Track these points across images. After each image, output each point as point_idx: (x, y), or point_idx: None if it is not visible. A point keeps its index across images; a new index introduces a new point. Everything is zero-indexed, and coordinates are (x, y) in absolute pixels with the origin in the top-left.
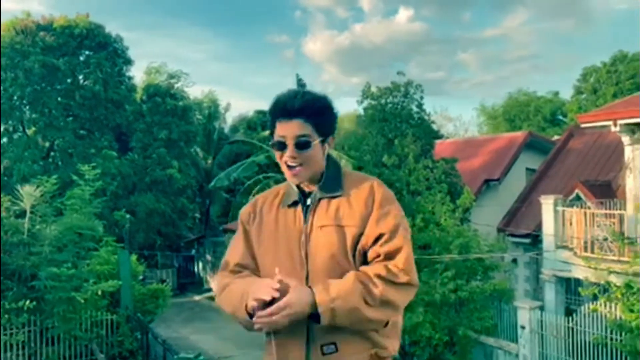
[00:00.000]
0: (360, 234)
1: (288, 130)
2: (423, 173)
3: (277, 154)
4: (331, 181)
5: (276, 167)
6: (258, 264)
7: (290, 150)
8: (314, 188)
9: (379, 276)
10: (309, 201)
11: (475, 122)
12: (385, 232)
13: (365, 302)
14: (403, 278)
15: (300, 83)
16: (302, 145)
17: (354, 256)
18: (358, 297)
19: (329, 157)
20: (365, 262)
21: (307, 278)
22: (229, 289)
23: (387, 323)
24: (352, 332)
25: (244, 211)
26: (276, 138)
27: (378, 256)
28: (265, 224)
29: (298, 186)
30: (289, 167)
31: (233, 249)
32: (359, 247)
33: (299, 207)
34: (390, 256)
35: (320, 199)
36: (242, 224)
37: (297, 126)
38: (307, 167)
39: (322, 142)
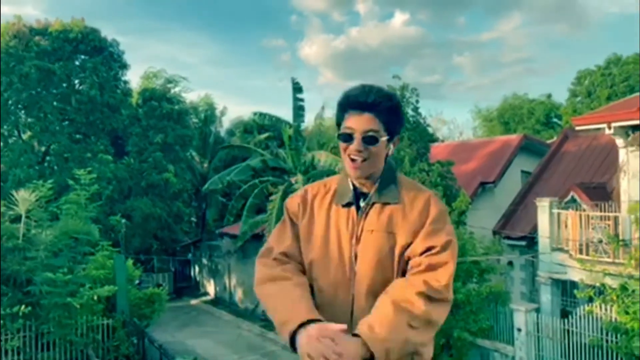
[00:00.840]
0: (409, 244)
1: (358, 123)
2: (419, 176)
3: (341, 146)
4: (387, 186)
5: (271, 171)
6: (303, 258)
7: (356, 144)
8: (369, 188)
9: (418, 294)
10: (362, 202)
11: (470, 125)
12: (436, 246)
13: (411, 327)
14: (444, 294)
15: (296, 87)
16: (369, 140)
17: (399, 263)
18: (405, 328)
19: (386, 160)
20: (405, 270)
21: (352, 279)
22: (277, 292)
23: None
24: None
25: (292, 202)
26: (343, 130)
27: (419, 265)
28: (317, 221)
29: (352, 184)
30: (352, 160)
31: (279, 237)
32: (404, 256)
33: (353, 208)
34: (432, 268)
35: (374, 203)
36: (290, 215)
37: (367, 120)
38: (370, 163)
39: (388, 141)
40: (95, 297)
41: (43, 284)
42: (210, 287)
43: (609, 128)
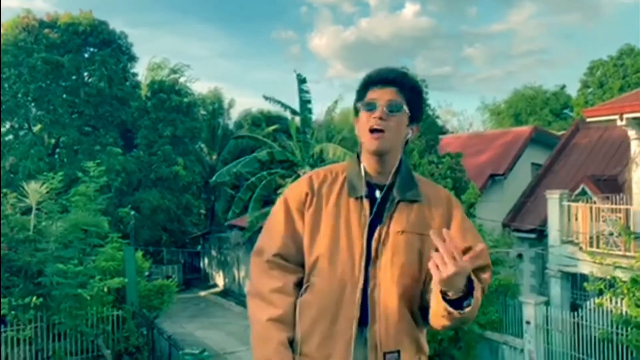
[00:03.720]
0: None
1: (381, 94)
2: (428, 168)
3: (363, 116)
4: (408, 182)
5: (279, 163)
6: (304, 255)
7: (379, 111)
8: (383, 180)
9: (482, 280)
10: (377, 193)
11: (480, 117)
12: (474, 246)
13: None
14: (486, 291)
15: (301, 79)
16: (393, 107)
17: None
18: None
19: (402, 157)
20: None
21: (367, 279)
22: (263, 331)
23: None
24: (411, 339)
25: (295, 191)
26: (366, 100)
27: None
28: (326, 212)
29: (366, 175)
30: (373, 131)
31: (271, 235)
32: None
33: (366, 202)
34: (482, 267)
35: (399, 202)
36: (289, 206)
37: (391, 92)
38: (392, 136)
39: (410, 121)
40: (105, 289)
41: (54, 275)
42: (220, 279)
43: (621, 119)
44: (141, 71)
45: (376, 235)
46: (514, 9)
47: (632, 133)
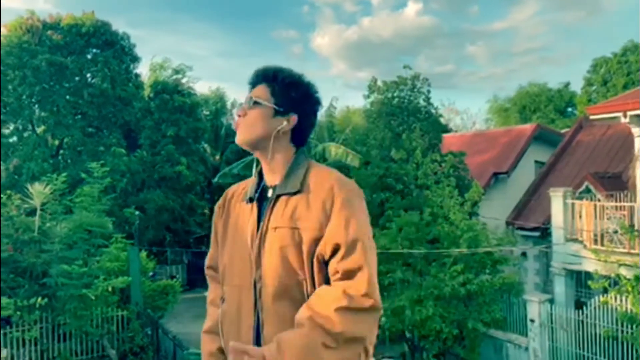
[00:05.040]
0: (317, 239)
1: (251, 92)
2: (431, 167)
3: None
4: (293, 176)
5: None
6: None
7: (238, 109)
8: (275, 180)
9: (337, 309)
10: (270, 193)
11: (484, 115)
12: (341, 245)
13: (326, 346)
14: (366, 303)
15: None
16: (248, 102)
17: (311, 262)
18: (318, 348)
19: (299, 151)
20: (325, 270)
21: (255, 283)
22: (201, 342)
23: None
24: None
25: (216, 206)
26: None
27: (336, 273)
28: (229, 223)
29: (260, 178)
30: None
31: (210, 249)
32: (317, 253)
33: (255, 204)
34: (349, 275)
35: (278, 196)
36: (214, 220)
37: (257, 89)
38: (246, 129)
39: (280, 113)
40: (110, 289)
41: (59, 276)
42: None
43: (625, 117)
44: (144, 71)
45: (258, 235)
46: (516, 6)
47: (635, 130)
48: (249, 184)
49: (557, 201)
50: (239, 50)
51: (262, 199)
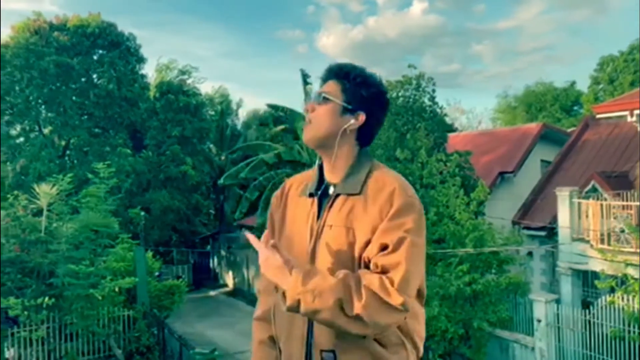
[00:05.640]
0: (368, 242)
1: (319, 88)
2: (436, 166)
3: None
4: (354, 176)
5: (289, 164)
6: None
7: (306, 104)
8: (337, 178)
9: (368, 287)
10: (330, 190)
11: (490, 114)
12: (389, 244)
13: (342, 309)
14: (395, 299)
15: (306, 77)
16: (316, 97)
17: (359, 263)
18: (333, 302)
19: (363, 151)
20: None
21: None
22: (252, 329)
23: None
24: (351, 341)
25: (273, 197)
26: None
27: (376, 267)
28: (287, 214)
29: (321, 174)
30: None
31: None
32: (365, 255)
33: (315, 200)
34: (386, 269)
35: (337, 195)
36: (270, 211)
37: (327, 85)
38: (315, 126)
39: (349, 111)
40: (116, 289)
41: (65, 276)
42: (229, 279)
43: (631, 115)
44: (149, 72)
45: (315, 231)
46: (522, 5)
47: None
48: (308, 177)
49: (563, 200)
50: (245, 51)
51: (322, 195)
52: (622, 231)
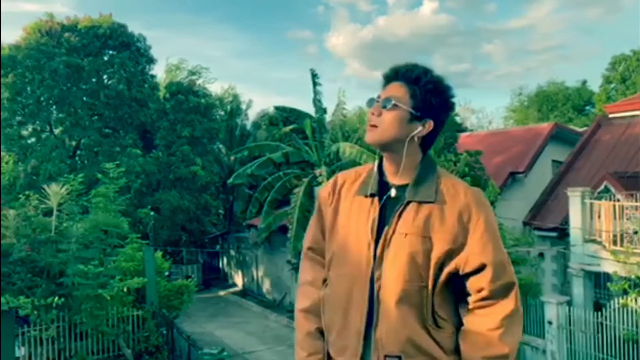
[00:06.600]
0: (450, 250)
1: (386, 91)
2: (445, 166)
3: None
4: (424, 182)
5: (296, 164)
6: (326, 250)
7: (373, 107)
8: (400, 180)
9: (501, 335)
10: (393, 193)
11: (501, 113)
12: (488, 265)
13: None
14: (517, 314)
15: (316, 78)
16: (385, 103)
17: (438, 271)
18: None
19: (427, 157)
20: (450, 281)
21: (373, 278)
22: (297, 320)
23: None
24: (415, 345)
25: (323, 190)
26: (373, 98)
27: (481, 290)
28: (341, 211)
29: (381, 174)
30: (371, 127)
31: (309, 230)
32: (451, 265)
33: (376, 200)
34: (499, 294)
35: (409, 202)
36: (319, 204)
37: (394, 87)
38: (382, 130)
39: (417, 118)
40: (125, 289)
41: (75, 275)
42: (239, 279)
43: None
44: (159, 73)
45: (383, 236)
46: (533, 4)
47: None
48: (362, 174)
49: (575, 201)
50: (255, 51)
51: (382, 196)
52: (635, 232)
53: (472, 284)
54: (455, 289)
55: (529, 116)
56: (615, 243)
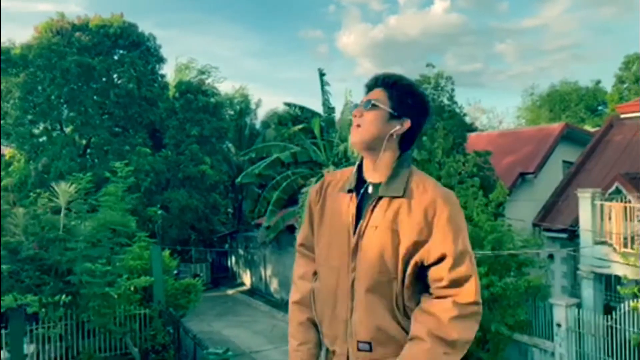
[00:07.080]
0: (415, 243)
1: (368, 96)
2: (454, 166)
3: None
4: (396, 179)
5: (303, 164)
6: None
7: (355, 109)
8: (377, 178)
9: (452, 318)
10: (370, 189)
11: (513, 113)
12: (448, 255)
13: (447, 354)
14: (474, 309)
15: (324, 77)
16: (366, 104)
17: (405, 264)
18: (440, 358)
19: (405, 156)
20: (418, 274)
21: (349, 271)
22: (290, 312)
23: None
24: (385, 334)
25: (312, 189)
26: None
27: (440, 280)
28: (327, 208)
29: (360, 172)
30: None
31: (302, 228)
32: (416, 257)
33: (354, 196)
34: (457, 284)
35: (380, 197)
36: (309, 202)
37: (374, 92)
38: (364, 130)
39: (395, 117)
40: (133, 288)
41: (83, 273)
42: (247, 278)
43: None
44: (170, 72)
45: (357, 229)
46: (547, 3)
47: None
48: (347, 174)
49: (585, 202)
50: (265, 51)
51: (360, 192)
52: None
53: (432, 273)
54: (424, 281)
55: (540, 116)
56: (625, 245)
